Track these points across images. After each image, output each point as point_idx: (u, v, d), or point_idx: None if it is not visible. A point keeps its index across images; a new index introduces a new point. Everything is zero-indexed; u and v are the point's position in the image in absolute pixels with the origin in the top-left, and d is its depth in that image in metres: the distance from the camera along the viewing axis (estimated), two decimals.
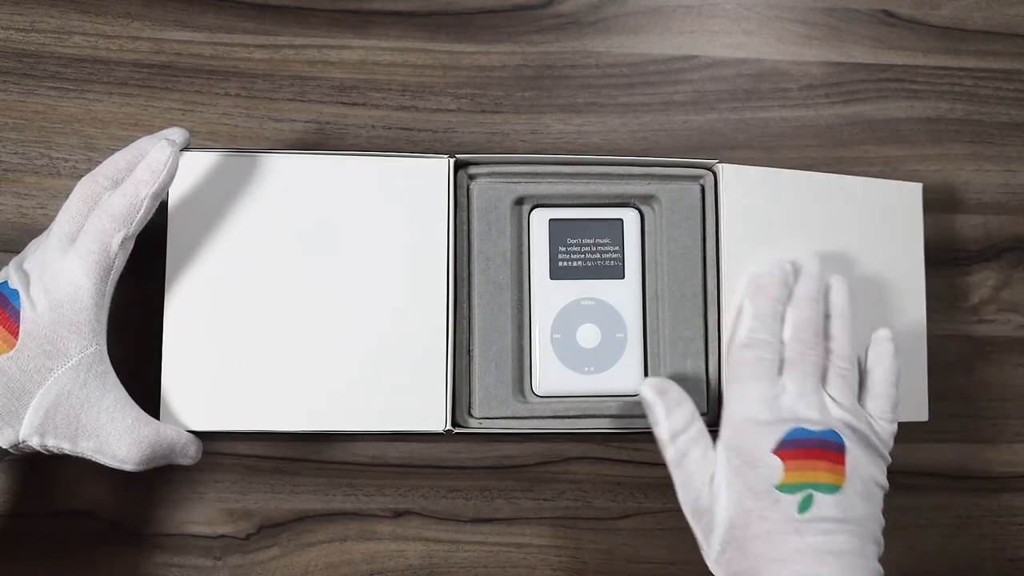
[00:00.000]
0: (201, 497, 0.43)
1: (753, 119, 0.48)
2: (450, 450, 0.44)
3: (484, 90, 0.47)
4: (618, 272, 0.41)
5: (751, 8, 0.49)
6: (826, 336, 0.38)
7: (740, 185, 0.41)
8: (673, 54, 0.48)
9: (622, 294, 0.41)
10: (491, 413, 0.40)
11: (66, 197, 0.36)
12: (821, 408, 0.36)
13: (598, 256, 0.41)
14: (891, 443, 0.38)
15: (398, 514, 0.44)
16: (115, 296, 0.36)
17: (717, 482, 0.35)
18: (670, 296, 0.41)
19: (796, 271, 0.39)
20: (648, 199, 0.42)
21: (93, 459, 0.35)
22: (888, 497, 0.46)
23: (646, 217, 0.42)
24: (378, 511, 0.44)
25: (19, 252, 0.38)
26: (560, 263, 0.41)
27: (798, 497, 0.34)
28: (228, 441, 0.44)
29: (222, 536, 0.43)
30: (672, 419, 0.36)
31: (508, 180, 0.41)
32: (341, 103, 0.46)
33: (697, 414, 0.36)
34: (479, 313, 0.40)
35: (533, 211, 0.41)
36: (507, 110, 0.47)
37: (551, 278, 0.41)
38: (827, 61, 0.48)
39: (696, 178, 0.42)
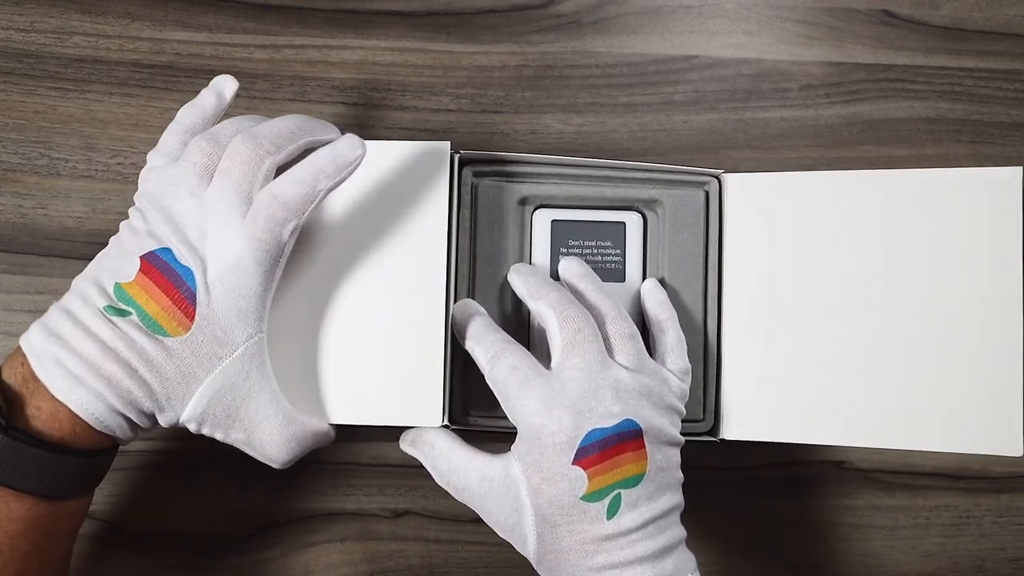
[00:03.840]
0: (201, 497, 0.43)
1: (753, 119, 0.48)
2: None
3: (484, 90, 0.47)
4: (619, 275, 0.41)
5: (751, 8, 0.49)
6: (587, 308, 0.36)
7: (745, 193, 0.41)
8: (673, 54, 0.48)
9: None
10: (487, 411, 0.40)
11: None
12: (614, 386, 0.34)
13: (599, 259, 0.41)
14: (688, 389, 0.37)
15: (398, 514, 0.44)
16: None
17: (521, 499, 0.33)
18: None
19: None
20: (652, 203, 0.42)
21: (239, 448, 0.35)
22: (888, 497, 0.46)
23: (649, 221, 0.42)
24: (378, 511, 0.44)
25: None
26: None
27: (606, 502, 0.32)
28: None
29: (222, 536, 0.43)
30: (437, 468, 0.36)
31: (512, 180, 0.41)
32: (341, 103, 0.46)
33: (456, 444, 0.36)
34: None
35: (536, 212, 0.41)
36: (507, 110, 0.47)
37: (552, 279, 0.41)
38: (827, 61, 0.48)
39: (701, 184, 0.42)
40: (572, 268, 0.39)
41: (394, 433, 0.39)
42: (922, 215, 0.39)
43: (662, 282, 0.41)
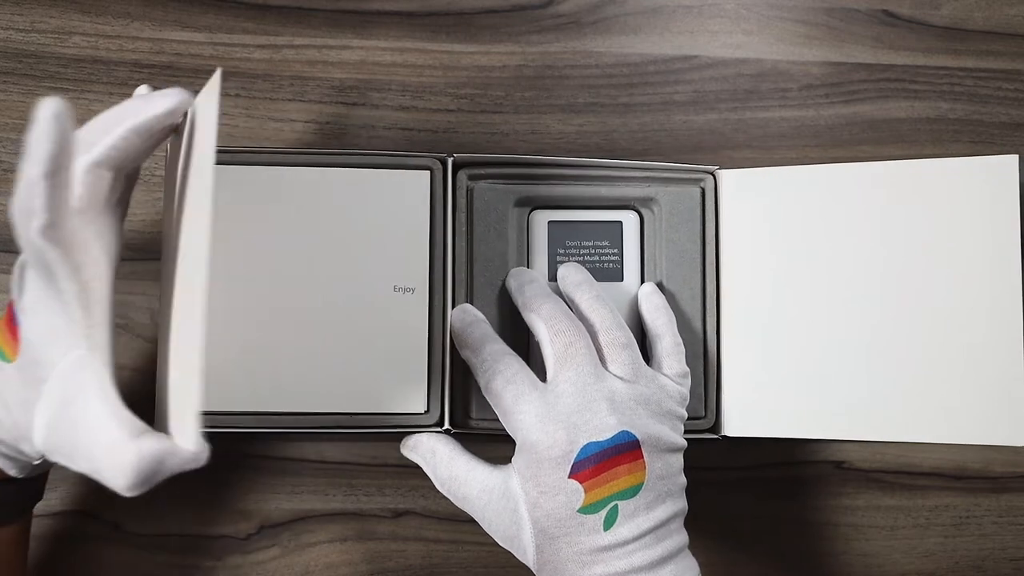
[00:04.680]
0: (202, 497, 0.43)
1: (753, 119, 0.48)
2: None
3: (484, 90, 0.47)
4: (616, 275, 0.41)
5: (751, 8, 0.49)
6: (584, 321, 0.36)
7: (740, 189, 0.41)
8: (673, 54, 0.48)
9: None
10: (488, 415, 0.40)
11: None
12: (609, 398, 0.34)
13: (597, 259, 0.41)
14: (687, 393, 0.37)
15: (398, 514, 0.44)
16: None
17: (519, 513, 0.34)
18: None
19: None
20: (648, 202, 0.42)
21: (92, 477, 0.30)
22: (888, 497, 0.46)
23: (645, 219, 0.42)
24: (378, 511, 0.44)
25: (19, 253, 0.37)
26: (559, 265, 0.41)
27: (602, 514, 0.32)
28: (228, 441, 0.44)
29: (222, 536, 0.43)
30: (437, 475, 0.36)
31: (508, 182, 0.41)
32: (341, 103, 0.46)
33: (456, 452, 0.36)
34: None
35: (533, 213, 0.41)
36: (507, 110, 0.47)
37: (550, 280, 0.41)
38: (827, 61, 0.48)
39: (696, 181, 0.42)
40: (570, 276, 0.39)
41: (394, 434, 0.39)
42: (919, 205, 0.39)
43: (660, 284, 0.41)
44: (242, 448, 0.44)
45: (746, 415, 0.41)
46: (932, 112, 0.48)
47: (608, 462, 0.33)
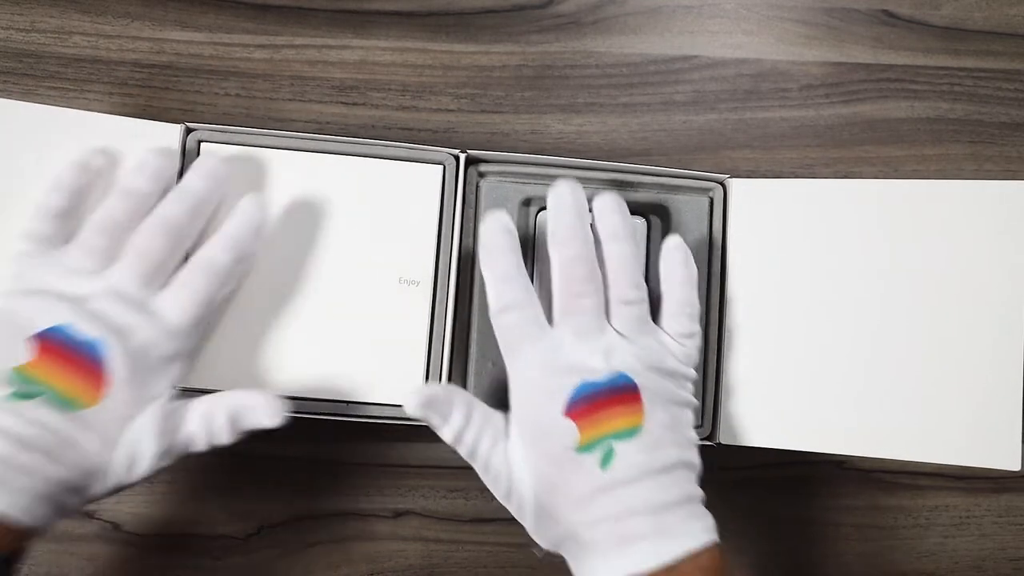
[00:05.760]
0: (201, 497, 0.43)
1: (753, 119, 0.48)
2: (450, 450, 0.44)
3: (484, 90, 0.47)
4: None
5: (751, 8, 0.49)
6: (603, 266, 0.36)
7: (750, 200, 0.41)
8: (673, 54, 0.48)
9: None
10: None
11: None
12: (606, 351, 0.34)
13: None
14: (696, 355, 0.36)
15: (398, 514, 0.44)
16: None
17: (515, 459, 0.34)
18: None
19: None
20: (656, 208, 0.42)
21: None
22: (888, 497, 0.46)
23: (653, 226, 0.42)
24: (378, 511, 0.44)
25: None
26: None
27: (598, 454, 0.32)
28: None
29: (222, 536, 0.43)
30: (450, 423, 0.34)
31: (517, 180, 0.41)
32: (341, 103, 0.46)
33: (474, 403, 0.35)
34: (479, 312, 0.40)
35: (540, 213, 0.41)
36: (507, 110, 0.47)
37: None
38: (827, 61, 0.48)
39: (705, 190, 0.42)
40: (604, 217, 0.37)
41: (394, 434, 0.39)
42: (928, 227, 0.39)
43: None
44: (242, 448, 0.44)
45: (745, 425, 0.40)
46: (932, 112, 0.48)
47: (603, 402, 0.33)
